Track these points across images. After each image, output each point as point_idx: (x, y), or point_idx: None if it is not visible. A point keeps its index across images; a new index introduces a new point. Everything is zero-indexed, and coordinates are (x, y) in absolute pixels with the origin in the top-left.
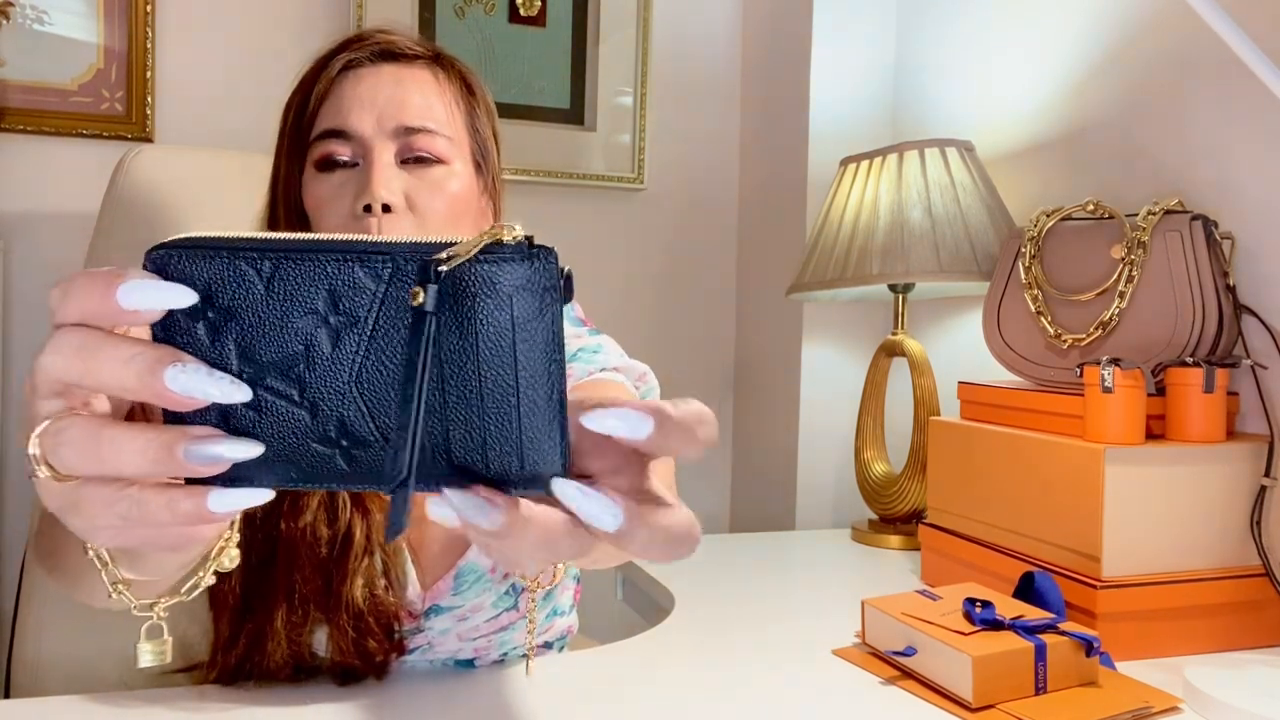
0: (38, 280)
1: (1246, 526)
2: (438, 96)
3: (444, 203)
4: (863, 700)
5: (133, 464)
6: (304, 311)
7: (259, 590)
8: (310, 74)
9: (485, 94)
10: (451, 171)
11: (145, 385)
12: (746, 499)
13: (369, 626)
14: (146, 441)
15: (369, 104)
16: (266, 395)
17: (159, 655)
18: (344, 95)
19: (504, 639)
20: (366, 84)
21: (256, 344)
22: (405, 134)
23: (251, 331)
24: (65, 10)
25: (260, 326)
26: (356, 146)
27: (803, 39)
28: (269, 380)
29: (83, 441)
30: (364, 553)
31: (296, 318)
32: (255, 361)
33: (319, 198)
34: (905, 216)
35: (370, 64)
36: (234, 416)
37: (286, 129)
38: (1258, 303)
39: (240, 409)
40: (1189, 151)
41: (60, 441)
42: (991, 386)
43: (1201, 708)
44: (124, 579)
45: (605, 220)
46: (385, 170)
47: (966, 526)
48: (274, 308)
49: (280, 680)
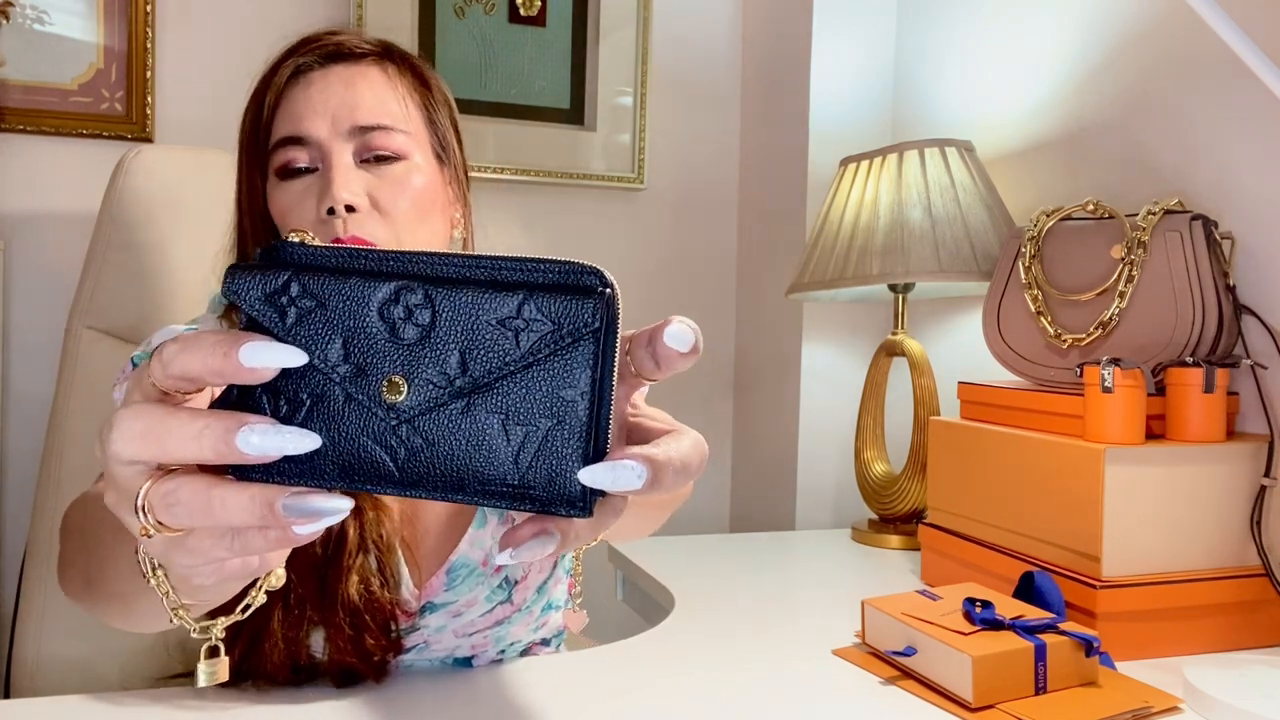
0: (38, 280)
1: (1246, 526)
2: (390, 92)
3: (409, 200)
4: (863, 700)
5: (240, 518)
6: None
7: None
8: (262, 82)
9: (441, 85)
10: (412, 166)
11: (221, 455)
12: (746, 499)
13: (366, 624)
14: (250, 499)
15: (321, 108)
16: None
17: (214, 676)
18: (296, 101)
19: (500, 634)
20: (317, 87)
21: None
22: (361, 133)
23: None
24: (65, 10)
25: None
26: (314, 151)
27: (803, 39)
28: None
29: (194, 502)
30: (358, 551)
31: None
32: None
33: (283, 206)
34: (905, 216)
35: (319, 67)
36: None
37: (244, 139)
38: (1258, 303)
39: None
40: (1189, 151)
41: (172, 503)
42: (991, 386)
43: (1201, 708)
44: (184, 604)
45: (605, 220)
46: (345, 172)
47: (966, 526)
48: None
49: (279, 682)
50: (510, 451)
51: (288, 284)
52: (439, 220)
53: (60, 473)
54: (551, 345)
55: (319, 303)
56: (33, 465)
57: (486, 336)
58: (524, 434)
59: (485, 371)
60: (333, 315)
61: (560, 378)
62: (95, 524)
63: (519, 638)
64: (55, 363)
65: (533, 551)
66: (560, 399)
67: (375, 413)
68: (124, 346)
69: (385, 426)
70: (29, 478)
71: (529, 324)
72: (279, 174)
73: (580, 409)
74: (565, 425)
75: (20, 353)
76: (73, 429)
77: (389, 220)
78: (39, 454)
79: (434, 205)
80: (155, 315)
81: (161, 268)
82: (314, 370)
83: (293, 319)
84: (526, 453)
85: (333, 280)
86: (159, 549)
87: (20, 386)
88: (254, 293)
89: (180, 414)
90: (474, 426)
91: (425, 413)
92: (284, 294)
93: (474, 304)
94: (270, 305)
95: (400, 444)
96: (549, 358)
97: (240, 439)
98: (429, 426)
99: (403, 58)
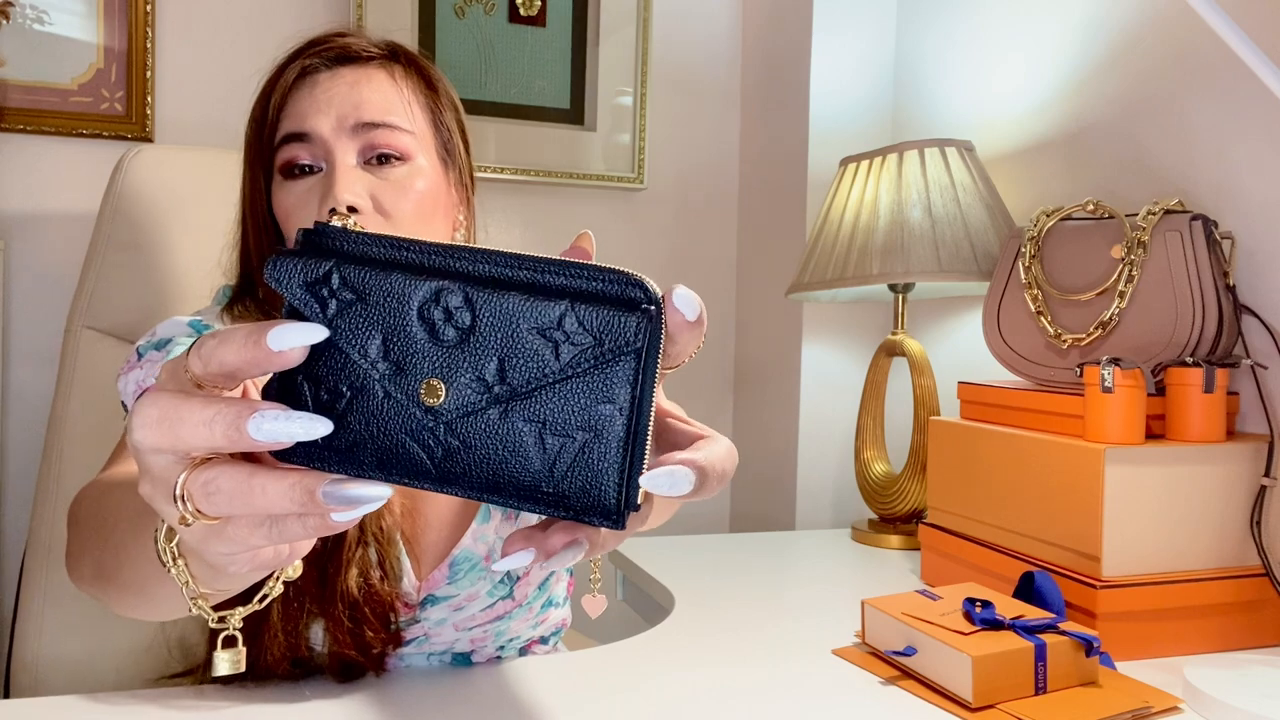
0: (38, 280)
1: (1246, 526)
2: (395, 94)
3: (411, 203)
4: (863, 700)
5: (280, 505)
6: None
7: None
8: (268, 82)
9: (448, 87)
10: (415, 168)
11: (233, 440)
12: (746, 499)
13: (365, 617)
14: (290, 486)
15: (325, 106)
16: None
17: (235, 664)
18: (301, 100)
19: (500, 629)
20: (323, 88)
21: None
22: (365, 131)
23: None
24: (65, 10)
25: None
26: (317, 149)
27: (803, 39)
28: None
29: (235, 490)
30: (358, 543)
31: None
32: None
33: (287, 206)
34: (905, 216)
35: (326, 69)
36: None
37: (250, 139)
38: (1258, 303)
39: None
40: (1189, 151)
41: (212, 491)
42: (991, 386)
43: (1201, 708)
44: (202, 593)
45: (605, 220)
46: (348, 173)
47: (966, 526)
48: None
49: (278, 675)
50: (546, 460)
51: (329, 274)
52: (442, 223)
53: (60, 472)
54: (592, 360)
55: (359, 296)
56: (33, 465)
57: (526, 345)
58: (560, 444)
59: (523, 381)
60: (373, 311)
61: (599, 392)
62: (108, 512)
63: (518, 633)
64: (55, 363)
65: (562, 560)
66: (599, 413)
67: (413, 412)
68: (124, 346)
69: (422, 426)
70: (29, 477)
71: (569, 336)
72: (283, 172)
73: (618, 424)
74: (602, 439)
75: (20, 353)
76: (73, 429)
77: (391, 222)
78: (39, 454)
79: (437, 208)
80: (155, 315)
81: (161, 267)
82: (354, 363)
83: (334, 310)
84: (563, 462)
85: (374, 275)
86: (197, 538)
87: (20, 386)
88: (295, 280)
89: (193, 401)
90: (511, 433)
91: (463, 417)
92: (325, 284)
93: (515, 310)
94: (311, 294)
95: (438, 444)
96: (588, 371)
97: (251, 424)
98: (466, 430)
99: (410, 60)
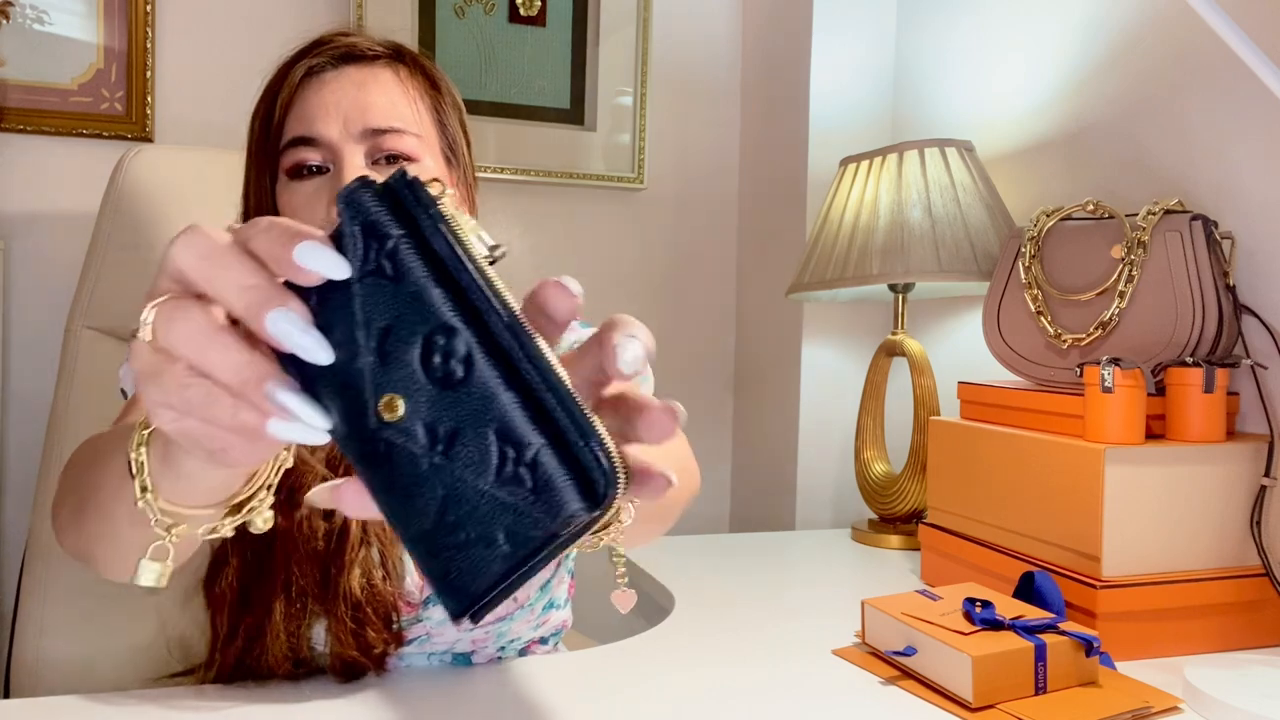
0: (38, 280)
1: (1246, 526)
2: (401, 95)
3: None
4: (863, 700)
5: (225, 373)
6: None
7: (256, 584)
8: (274, 82)
9: (451, 88)
10: (422, 169)
11: (250, 315)
12: (746, 499)
13: (367, 617)
14: (247, 362)
15: (334, 109)
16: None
17: (158, 577)
18: (309, 102)
19: (502, 629)
20: (330, 89)
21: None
22: (373, 135)
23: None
24: (65, 10)
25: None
26: (325, 152)
27: (803, 39)
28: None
29: (196, 334)
30: (360, 544)
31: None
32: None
33: (293, 206)
34: (905, 216)
35: (332, 68)
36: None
37: (255, 138)
38: (1258, 303)
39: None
40: (1189, 151)
41: (177, 319)
42: (991, 386)
43: (1201, 708)
44: (152, 487)
45: (605, 220)
46: (356, 174)
47: (966, 526)
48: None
49: (280, 675)
50: (439, 529)
51: (393, 241)
52: None
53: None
54: (520, 497)
55: (394, 278)
56: (33, 465)
57: (484, 439)
58: (455, 526)
59: (462, 462)
60: (395, 301)
61: (509, 522)
62: (97, 454)
63: (519, 634)
64: (55, 362)
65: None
66: (496, 536)
67: (369, 411)
68: (124, 346)
69: (368, 425)
70: (29, 477)
71: (520, 466)
72: (289, 174)
73: (504, 560)
74: (489, 555)
75: (20, 353)
76: (73, 428)
77: None
78: (39, 454)
79: None
80: None
81: None
82: (351, 329)
83: (370, 267)
84: (450, 539)
85: (421, 274)
86: (143, 364)
87: (20, 386)
88: (363, 217)
89: (245, 262)
90: (426, 488)
91: (400, 444)
92: (381, 244)
93: (499, 406)
94: (363, 239)
95: (376, 444)
96: (512, 504)
97: (273, 313)
98: (398, 456)
99: (414, 60)
